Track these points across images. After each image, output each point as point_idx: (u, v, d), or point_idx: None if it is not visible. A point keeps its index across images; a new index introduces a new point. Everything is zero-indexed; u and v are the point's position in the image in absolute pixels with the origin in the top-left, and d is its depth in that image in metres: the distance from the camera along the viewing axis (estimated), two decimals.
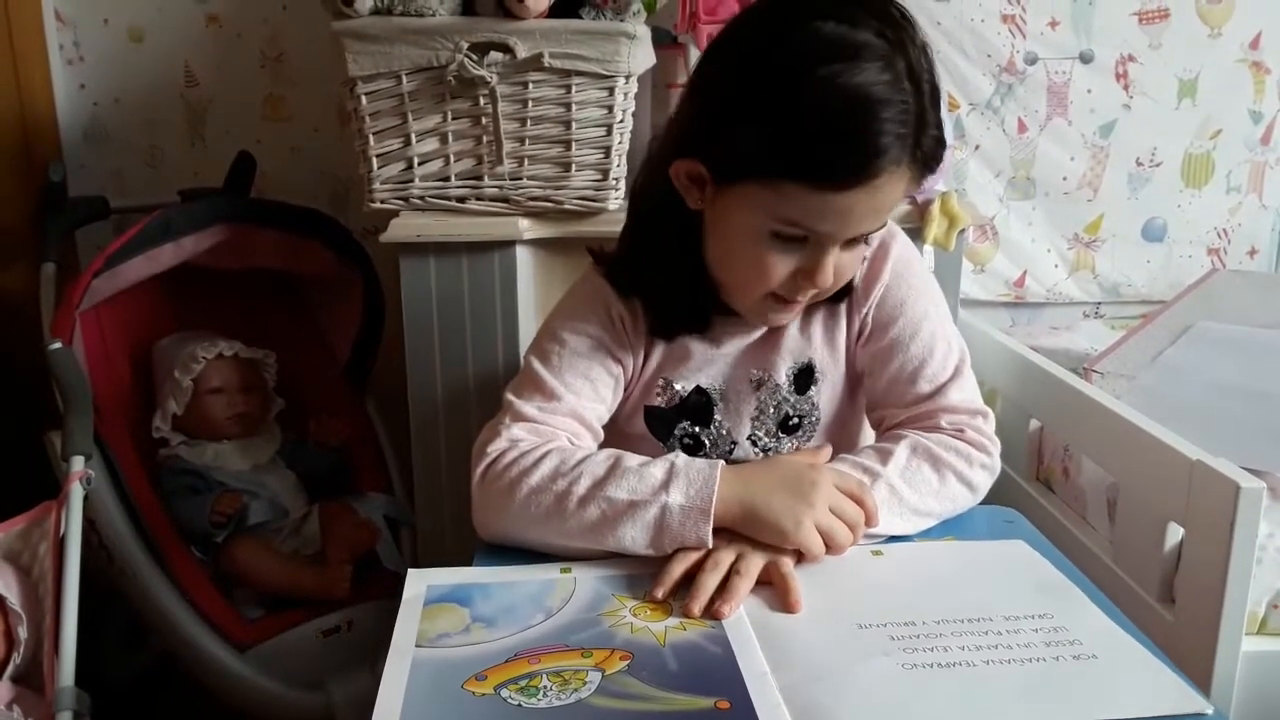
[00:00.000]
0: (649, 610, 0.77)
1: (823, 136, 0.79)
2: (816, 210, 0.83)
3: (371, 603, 1.46)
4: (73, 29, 1.68)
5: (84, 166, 1.71)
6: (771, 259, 0.87)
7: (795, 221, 0.84)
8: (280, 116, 1.74)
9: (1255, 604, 1.13)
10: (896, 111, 0.79)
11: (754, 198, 0.85)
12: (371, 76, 1.26)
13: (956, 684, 0.68)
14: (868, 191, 0.81)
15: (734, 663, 0.70)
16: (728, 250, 0.91)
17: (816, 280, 0.87)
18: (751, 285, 0.91)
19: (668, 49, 1.47)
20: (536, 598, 0.79)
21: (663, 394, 1.00)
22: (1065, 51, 1.72)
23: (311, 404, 1.64)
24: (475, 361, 1.39)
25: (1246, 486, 1.03)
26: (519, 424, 0.93)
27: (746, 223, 0.87)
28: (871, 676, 0.69)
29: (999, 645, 0.72)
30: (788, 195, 0.82)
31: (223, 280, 1.62)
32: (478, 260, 1.35)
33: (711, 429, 1.01)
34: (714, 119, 0.86)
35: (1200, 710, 0.66)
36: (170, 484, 1.47)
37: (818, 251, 0.86)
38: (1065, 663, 0.71)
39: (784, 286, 0.89)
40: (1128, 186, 1.79)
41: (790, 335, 1.00)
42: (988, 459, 0.95)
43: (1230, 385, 1.34)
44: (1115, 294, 1.84)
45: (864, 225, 0.86)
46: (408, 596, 0.79)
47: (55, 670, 1.04)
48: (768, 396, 1.00)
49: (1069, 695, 0.68)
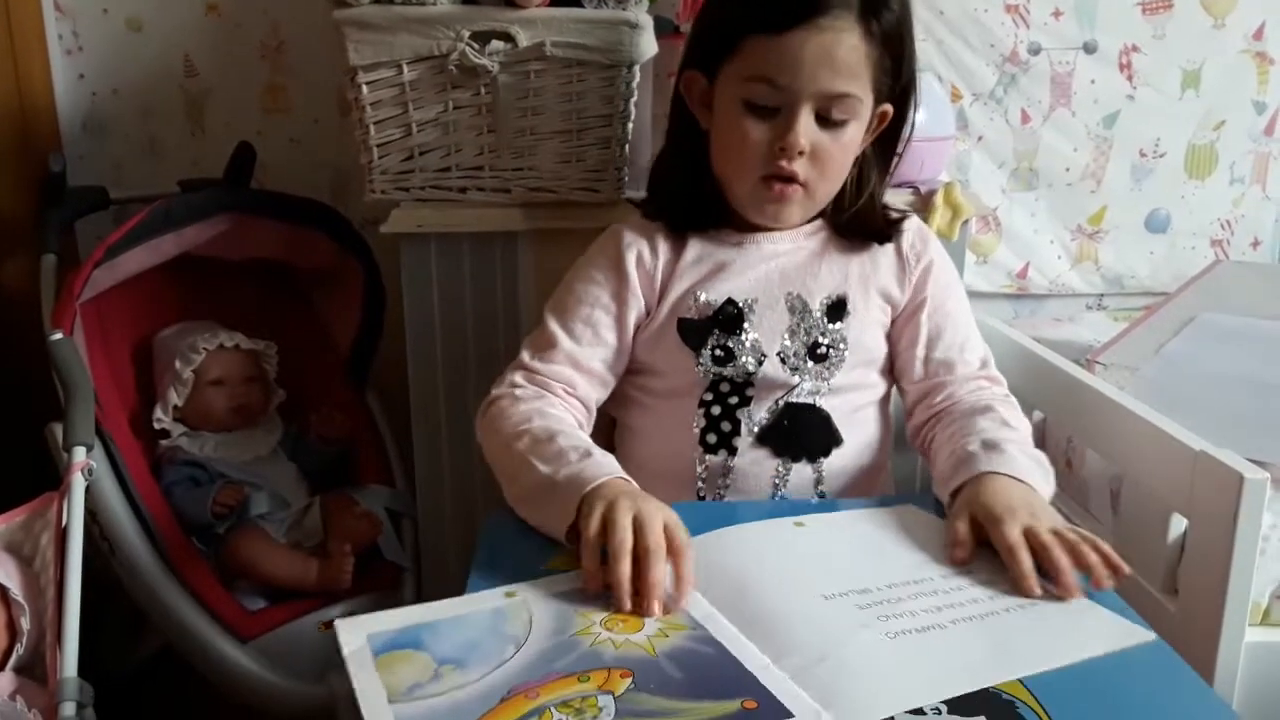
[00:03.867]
0: (620, 621, 0.75)
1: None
2: (773, 59, 0.93)
3: (373, 594, 1.45)
4: (72, 19, 1.67)
5: (83, 157, 1.70)
6: (748, 128, 0.97)
7: (755, 75, 0.94)
8: (280, 107, 1.73)
9: (1259, 595, 1.13)
10: None
11: (729, 74, 0.98)
12: (372, 66, 1.25)
13: (939, 646, 0.71)
14: (816, 32, 0.92)
15: (734, 660, 0.70)
16: (718, 141, 1.02)
17: (787, 141, 0.95)
18: (739, 165, 1.00)
19: (670, 38, 1.46)
20: (495, 628, 0.74)
21: (694, 307, 1.05)
22: (1069, 42, 1.71)
23: (313, 395, 1.64)
24: (476, 353, 1.38)
25: (1251, 477, 1.02)
26: (519, 372, 1.04)
27: (727, 103, 0.98)
28: (865, 650, 0.70)
29: (953, 604, 0.76)
30: (748, 54, 0.95)
31: (223, 271, 1.61)
32: (479, 251, 1.35)
33: (744, 339, 1.04)
34: (699, 20, 1.04)
35: (1144, 639, 0.73)
36: (171, 475, 1.47)
37: (788, 115, 0.95)
38: (1014, 613, 0.76)
39: (764, 160, 0.98)
40: (1131, 177, 1.78)
41: (825, 266, 1.07)
42: None
43: (1234, 376, 1.34)
44: (1118, 285, 1.84)
45: (820, 79, 0.93)
46: (349, 651, 0.72)
47: (58, 661, 1.04)
48: (799, 319, 1.05)
49: (1036, 644, 0.72)
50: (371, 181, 1.32)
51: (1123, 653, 0.73)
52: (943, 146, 1.47)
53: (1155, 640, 0.74)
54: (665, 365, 1.07)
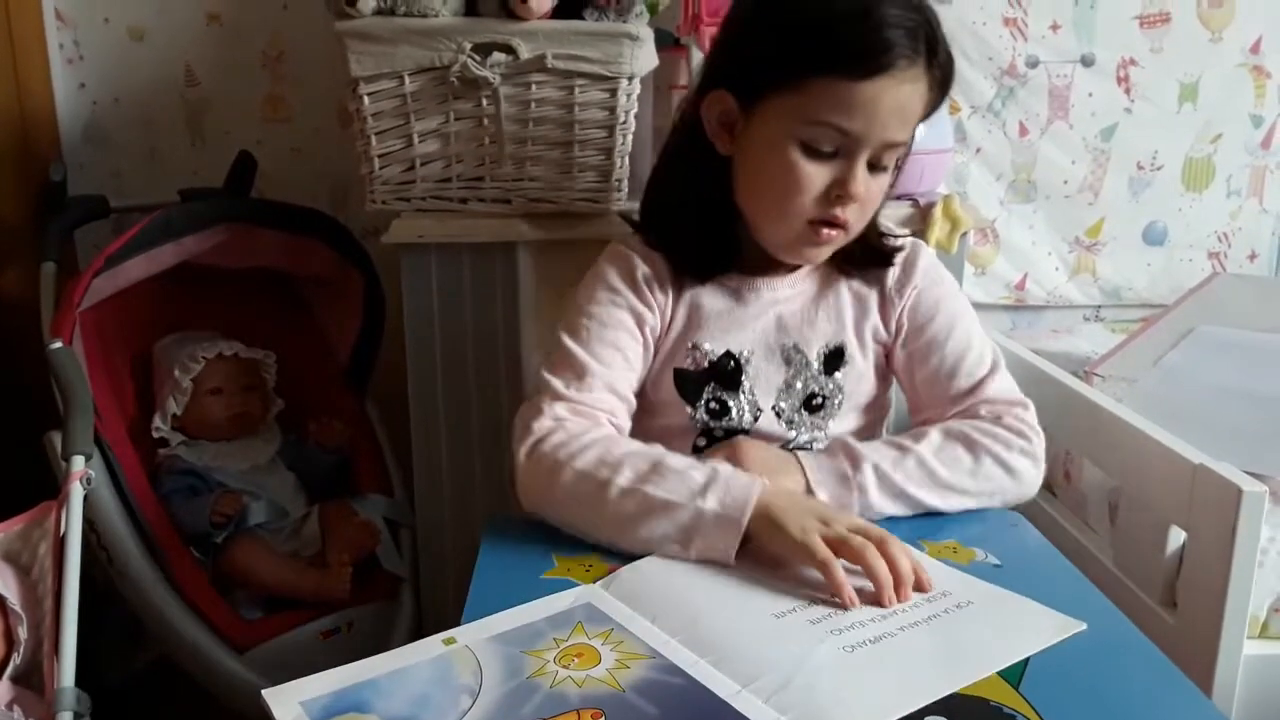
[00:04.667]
0: (575, 658, 0.71)
1: (842, 30, 0.86)
2: (844, 103, 0.87)
3: (371, 604, 1.45)
4: (73, 28, 1.67)
5: (83, 166, 1.71)
6: (803, 169, 0.90)
7: (823, 119, 0.88)
8: (281, 117, 1.73)
9: (1257, 608, 1.13)
10: (901, 11, 0.86)
11: (781, 109, 0.90)
12: (374, 77, 1.25)
13: (897, 655, 0.72)
14: (895, 83, 0.86)
15: (704, 689, 0.68)
16: (759, 176, 0.94)
17: (849, 189, 0.90)
18: (785, 206, 0.93)
19: (670, 51, 1.47)
20: (444, 679, 0.69)
21: (691, 356, 1.02)
22: (1066, 55, 1.72)
23: (312, 405, 1.64)
24: (476, 363, 1.38)
25: (1249, 490, 1.03)
26: (559, 403, 0.95)
27: (776, 139, 0.91)
28: (828, 667, 0.70)
29: (895, 612, 0.77)
30: (814, 93, 0.87)
31: (223, 280, 1.61)
32: (479, 262, 1.35)
33: (740, 396, 1.01)
34: (736, 41, 0.94)
35: (1077, 629, 0.75)
36: (170, 484, 1.46)
37: (849, 160, 0.90)
38: (953, 614, 0.77)
39: (818, 204, 0.92)
40: (1128, 190, 1.79)
41: (822, 311, 1.03)
42: (1028, 445, 0.98)
43: (1232, 389, 1.34)
44: (1116, 297, 1.84)
45: (890, 128, 0.88)
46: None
47: (55, 670, 1.03)
48: (797, 371, 1.02)
49: (989, 642, 0.73)
50: (372, 192, 1.32)
51: (1124, 667, 0.73)
52: (941, 159, 1.47)
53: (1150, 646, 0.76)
54: (658, 406, 1.04)
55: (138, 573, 1.34)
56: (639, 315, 1.01)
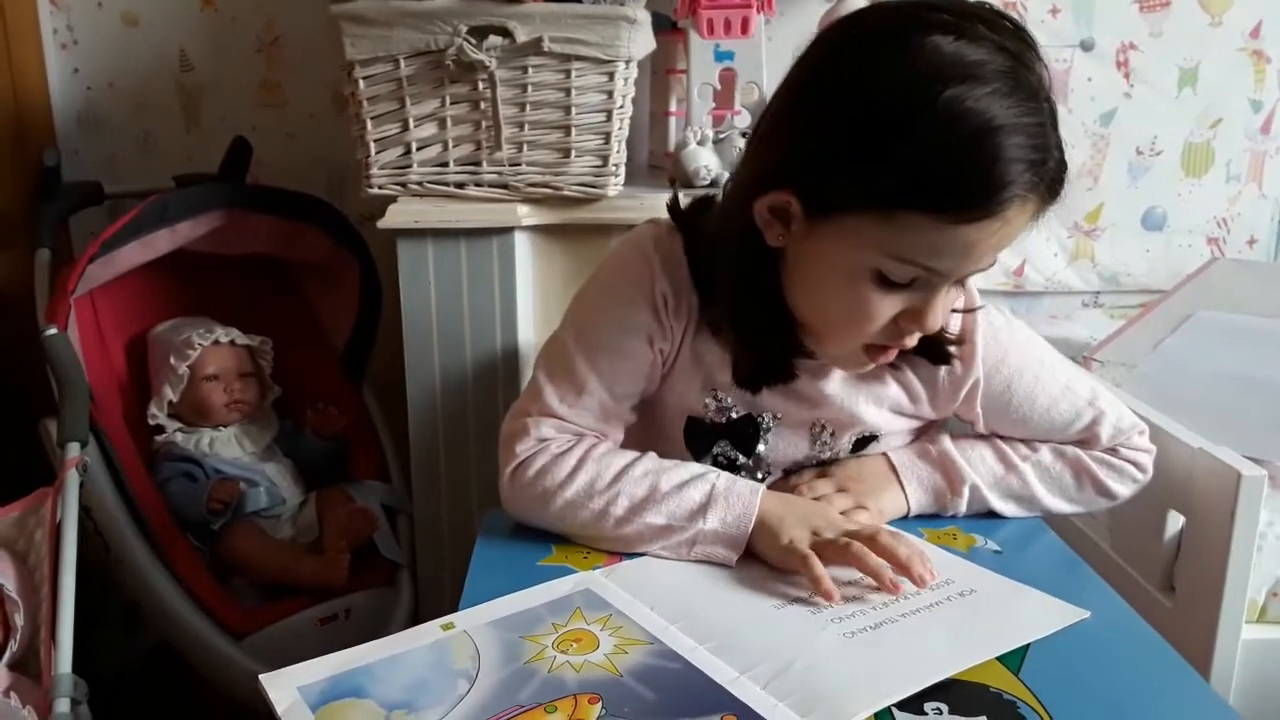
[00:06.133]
0: (574, 643, 0.72)
1: (951, 164, 0.71)
2: (938, 245, 0.74)
3: (369, 591, 1.45)
4: (66, 13, 1.66)
5: (78, 152, 1.70)
6: (875, 300, 0.78)
7: (909, 258, 0.75)
8: (276, 102, 1.72)
9: (1255, 592, 1.12)
10: (1025, 137, 0.72)
11: (859, 232, 0.75)
12: (369, 60, 1.25)
13: (897, 640, 0.72)
14: (998, 224, 0.74)
15: (702, 674, 0.68)
16: (820, 290, 0.82)
17: (925, 323, 0.80)
18: (848, 330, 0.82)
19: (668, 34, 1.46)
20: (441, 664, 0.69)
21: (711, 406, 0.93)
22: (1066, 39, 1.71)
23: (309, 391, 1.63)
24: (473, 349, 1.38)
25: (1248, 475, 1.02)
26: (547, 421, 0.90)
27: (847, 261, 0.77)
28: (829, 652, 0.70)
29: (897, 600, 0.77)
30: (905, 228, 0.73)
31: (219, 266, 1.61)
32: (476, 247, 1.34)
33: (750, 459, 0.96)
34: (811, 147, 0.77)
35: (1080, 617, 0.75)
36: (166, 471, 1.46)
37: (928, 292, 0.78)
38: (956, 602, 0.77)
39: (884, 333, 0.81)
40: (1128, 175, 1.78)
41: (863, 397, 0.93)
42: (1139, 476, 0.98)
43: (1230, 374, 1.34)
44: (1115, 283, 1.84)
45: (984, 262, 0.78)
46: (285, 708, 0.65)
47: (52, 657, 1.03)
48: (820, 449, 0.96)
49: (989, 628, 0.73)
50: (368, 177, 1.32)
51: (1123, 652, 0.73)
52: None
53: (1149, 631, 0.76)
54: (655, 428, 0.97)
55: (135, 559, 1.34)
56: (650, 334, 0.90)
